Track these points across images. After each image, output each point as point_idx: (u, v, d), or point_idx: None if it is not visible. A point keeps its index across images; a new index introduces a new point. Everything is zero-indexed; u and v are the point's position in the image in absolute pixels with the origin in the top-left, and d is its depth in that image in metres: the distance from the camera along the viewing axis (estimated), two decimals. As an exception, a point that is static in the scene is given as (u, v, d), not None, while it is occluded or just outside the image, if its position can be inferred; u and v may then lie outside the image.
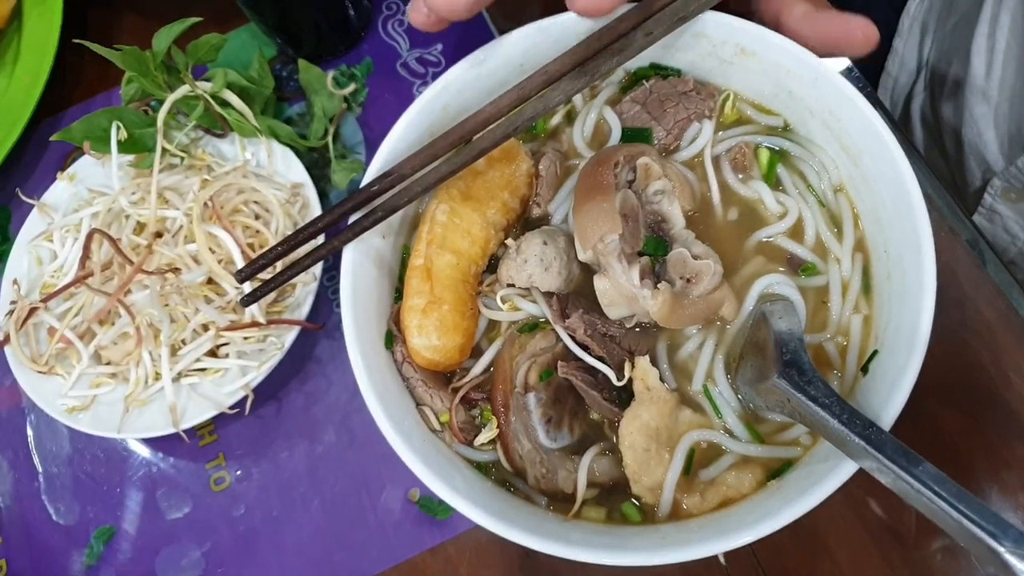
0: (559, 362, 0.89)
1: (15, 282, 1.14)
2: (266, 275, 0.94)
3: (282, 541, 1.05)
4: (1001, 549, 0.63)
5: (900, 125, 1.52)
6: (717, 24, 0.94)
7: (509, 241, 0.95)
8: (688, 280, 0.88)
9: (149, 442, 1.13)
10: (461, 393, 0.91)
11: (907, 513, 0.98)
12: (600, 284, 0.87)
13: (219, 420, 1.12)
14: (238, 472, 1.09)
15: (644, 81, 1.00)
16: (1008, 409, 1.01)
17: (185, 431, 1.04)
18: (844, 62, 1.19)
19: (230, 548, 1.06)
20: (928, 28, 1.42)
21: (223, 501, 1.08)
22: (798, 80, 0.93)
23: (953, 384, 1.03)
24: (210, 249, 1.05)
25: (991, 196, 1.24)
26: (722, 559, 0.99)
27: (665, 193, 0.91)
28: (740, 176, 0.96)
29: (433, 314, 0.90)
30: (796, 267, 0.93)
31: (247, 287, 0.99)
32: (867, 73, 1.42)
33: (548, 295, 0.92)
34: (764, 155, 0.96)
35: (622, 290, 0.86)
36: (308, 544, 1.04)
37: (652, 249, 0.89)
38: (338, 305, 1.13)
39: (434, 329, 0.89)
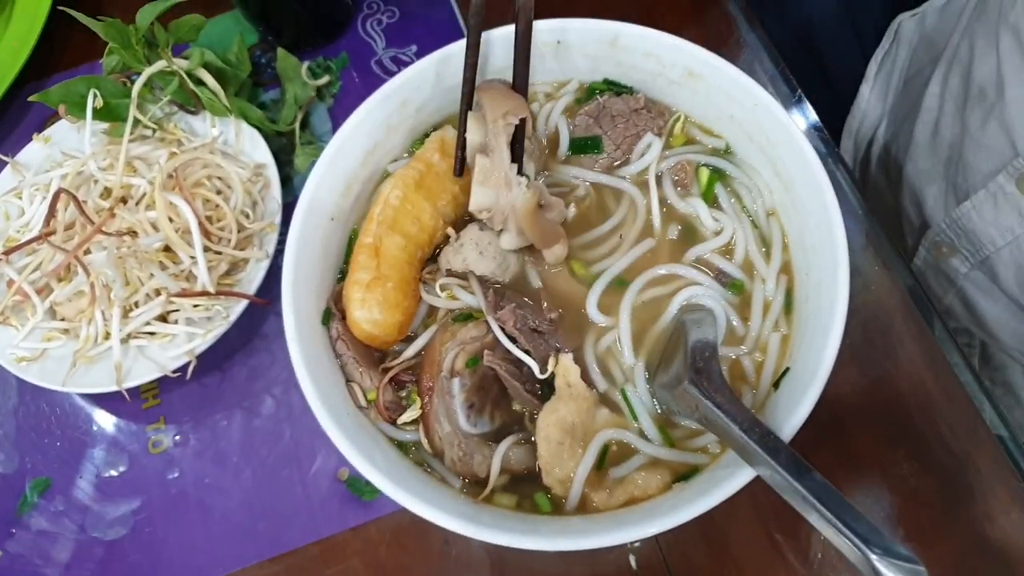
0: (486, 351, 0.92)
1: (-20, 234, 1.18)
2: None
3: (211, 507, 1.08)
4: (872, 556, 0.66)
5: (861, 168, 1.57)
6: (667, 46, 0.99)
7: (450, 230, 0.99)
8: (541, 206, 0.94)
9: (94, 401, 1.16)
10: (391, 374, 0.95)
11: (814, 534, 1.01)
12: (482, 161, 0.92)
13: (164, 385, 1.15)
14: (177, 437, 1.12)
15: (598, 95, 1.05)
16: (922, 439, 1.05)
17: (129, 391, 1.07)
18: (810, 112, 1.24)
19: (160, 509, 1.08)
20: (892, 78, 1.47)
21: (159, 463, 1.11)
22: (739, 106, 0.97)
23: (874, 411, 1.06)
24: (169, 218, 1.08)
25: (924, 248, 1.29)
26: (633, 563, 1.01)
27: (527, 151, 0.96)
28: (680, 191, 1.00)
29: (377, 290, 0.93)
30: (724, 283, 0.96)
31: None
32: (834, 116, 1.47)
33: (485, 287, 0.96)
34: (704, 174, 1.00)
35: (500, 172, 0.91)
36: (236, 512, 1.07)
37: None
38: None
39: (376, 304, 0.93)
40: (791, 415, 0.82)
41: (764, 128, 0.95)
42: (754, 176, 1.00)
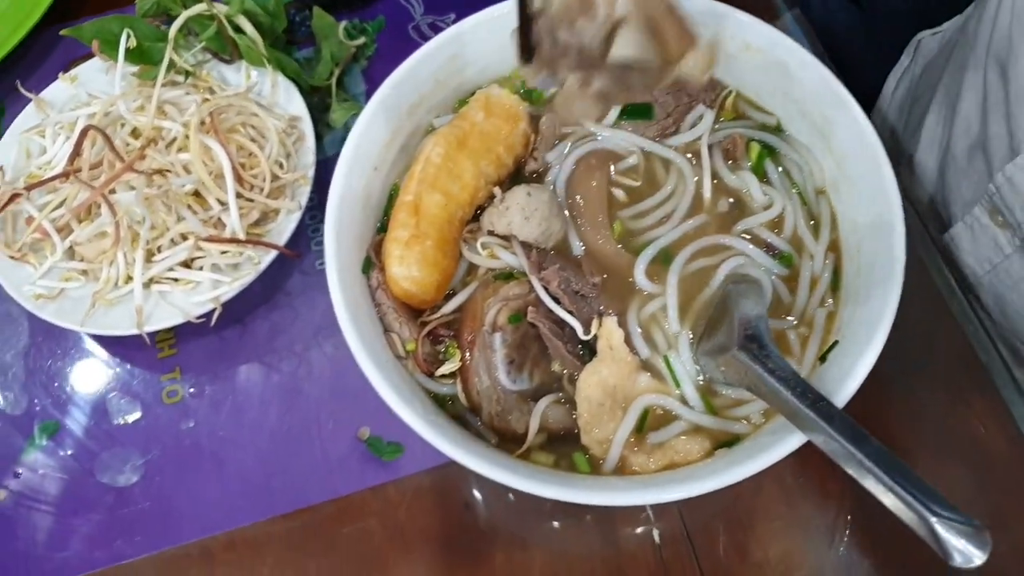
0: (529, 308, 0.91)
1: (0, 168, 1.14)
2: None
3: (224, 460, 1.04)
4: (932, 519, 0.65)
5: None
6: (726, 16, 0.98)
7: (496, 190, 0.97)
8: None
9: (108, 346, 1.12)
10: (430, 327, 0.93)
11: (842, 516, 1.00)
12: None
13: (181, 335, 1.12)
14: (192, 388, 1.09)
15: (650, 63, 1.04)
16: (953, 434, 1.04)
17: (148, 335, 1.04)
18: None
19: (171, 460, 1.05)
20: (907, 96, 1.47)
21: (173, 414, 1.08)
22: (796, 81, 0.97)
23: (904, 408, 1.05)
24: (202, 161, 1.06)
25: None
26: (656, 537, 1.00)
27: None
28: (730, 164, 1.00)
29: (416, 247, 0.91)
30: (773, 254, 0.95)
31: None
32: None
33: (527, 248, 0.94)
34: (755, 149, 0.99)
35: None
36: (250, 467, 1.04)
37: None
38: (317, 244, 1.16)
39: (415, 262, 0.91)
40: (842, 385, 0.81)
41: (820, 103, 0.95)
42: (804, 154, 1.00)
